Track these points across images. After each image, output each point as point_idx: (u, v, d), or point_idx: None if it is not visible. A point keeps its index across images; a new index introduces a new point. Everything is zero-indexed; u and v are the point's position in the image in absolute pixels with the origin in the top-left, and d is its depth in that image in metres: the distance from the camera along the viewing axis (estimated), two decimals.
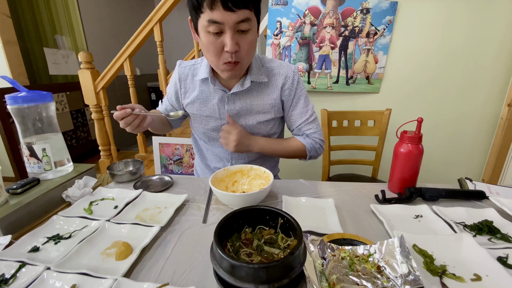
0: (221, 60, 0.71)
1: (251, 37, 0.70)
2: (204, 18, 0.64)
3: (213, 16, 0.63)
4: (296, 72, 0.87)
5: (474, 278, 0.43)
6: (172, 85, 0.92)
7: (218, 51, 0.69)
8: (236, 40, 0.67)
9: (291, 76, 0.86)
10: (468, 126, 1.72)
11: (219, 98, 0.85)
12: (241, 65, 0.74)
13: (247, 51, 0.71)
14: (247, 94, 0.85)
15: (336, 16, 1.54)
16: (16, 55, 2.25)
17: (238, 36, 0.68)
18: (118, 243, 0.51)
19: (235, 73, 0.76)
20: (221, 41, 0.67)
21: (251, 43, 0.71)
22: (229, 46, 0.66)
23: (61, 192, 0.69)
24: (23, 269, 0.45)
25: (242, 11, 0.63)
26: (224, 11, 0.62)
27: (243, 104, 0.85)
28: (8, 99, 0.65)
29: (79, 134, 2.92)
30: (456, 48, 1.56)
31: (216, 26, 0.64)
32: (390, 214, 0.62)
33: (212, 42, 0.67)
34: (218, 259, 0.37)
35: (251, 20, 0.67)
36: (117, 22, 3.56)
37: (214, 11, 0.62)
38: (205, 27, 0.65)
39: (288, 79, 0.86)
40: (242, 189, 0.74)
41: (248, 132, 0.88)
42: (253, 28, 0.69)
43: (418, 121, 0.69)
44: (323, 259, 0.45)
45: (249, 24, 0.67)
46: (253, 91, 0.85)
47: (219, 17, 0.63)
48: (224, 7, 0.62)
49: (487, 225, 0.56)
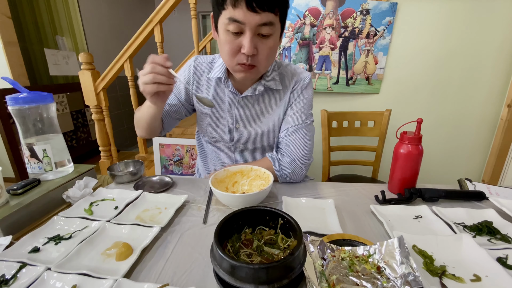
0: (235, 60, 0.68)
1: (271, 43, 0.67)
2: (225, 15, 0.62)
3: (234, 14, 0.60)
4: (308, 78, 0.84)
5: (474, 279, 0.43)
6: (183, 77, 0.86)
7: (234, 51, 0.66)
8: (255, 43, 0.64)
9: (302, 80, 0.83)
10: (468, 126, 1.72)
11: (230, 101, 0.82)
12: (257, 69, 0.71)
13: (266, 56, 0.68)
14: (258, 99, 0.82)
15: (336, 17, 1.55)
16: (17, 56, 2.25)
17: (258, 39, 0.65)
18: (119, 243, 0.51)
19: (250, 76, 0.72)
20: (239, 42, 0.65)
21: (270, 49, 0.68)
22: (246, 48, 0.63)
23: (61, 193, 0.69)
24: (23, 269, 0.45)
25: (266, 13, 0.60)
26: (247, 10, 0.59)
27: (253, 109, 0.83)
28: (9, 100, 0.66)
29: (80, 135, 2.92)
30: (456, 49, 1.57)
31: (236, 25, 0.62)
32: (390, 215, 0.62)
33: (230, 41, 0.65)
34: (218, 260, 0.38)
35: (274, 25, 0.64)
36: (117, 23, 3.57)
37: (236, 9, 0.60)
38: (225, 25, 0.63)
39: (298, 83, 0.83)
40: (242, 190, 0.74)
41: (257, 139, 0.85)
42: (275, 34, 0.66)
43: (417, 121, 0.69)
44: (323, 260, 0.45)
45: (271, 29, 0.64)
46: (265, 97, 0.82)
47: (241, 16, 0.60)
48: (248, 7, 0.59)
49: (486, 226, 0.56)
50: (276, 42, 0.69)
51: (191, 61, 0.86)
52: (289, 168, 0.79)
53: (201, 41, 2.91)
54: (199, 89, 0.85)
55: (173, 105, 0.87)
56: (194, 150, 1.85)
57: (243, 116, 0.83)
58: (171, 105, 0.87)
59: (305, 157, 0.80)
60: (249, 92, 0.80)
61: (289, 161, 0.79)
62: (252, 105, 0.83)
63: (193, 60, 0.86)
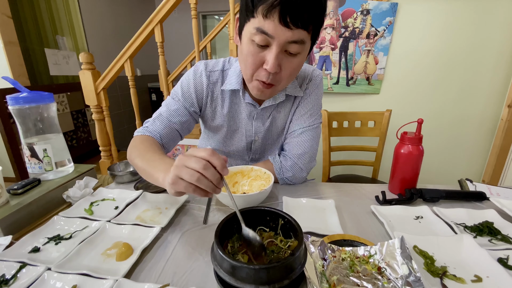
0: (255, 75, 0.62)
1: (298, 62, 0.60)
2: (253, 24, 0.55)
3: (264, 26, 0.53)
4: (320, 76, 0.80)
5: (475, 280, 0.43)
6: (193, 89, 0.75)
7: (256, 66, 0.60)
8: (280, 61, 0.58)
9: (314, 79, 0.78)
10: (468, 127, 1.72)
11: (248, 113, 0.76)
12: (275, 88, 0.65)
13: (289, 75, 0.62)
14: (278, 107, 0.77)
15: (336, 17, 1.55)
16: (17, 56, 2.25)
17: (284, 56, 0.58)
18: (119, 243, 0.51)
19: (265, 95, 0.67)
20: (263, 56, 0.58)
21: (296, 68, 0.62)
22: (270, 65, 0.57)
23: (61, 193, 0.69)
24: (23, 269, 0.45)
25: (299, 30, 0.53)
26: (278, 24, 0.52)
27: (273, 119, 0.78)
28: (9, 100, 0.66)
29: (80, 135, 2.92)
30: (456, 49, 1.57)
31: (263, 37, 0.55)
32: (390, 215, 0.62)
33: (253, 54, 0.58)
34: (219, 260, 0.37)
35: (304, 44, 0.57)
36: (118, 23, 3.57)
37: (267, 20, 0.52)
38: (251, 34, 0.56)
39: (310, 82, 0.78)
40: (242, 190, 0.74)
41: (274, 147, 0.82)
42: (304, 52, 0.60)
43: (418, 122, 0.69)
44: (324, 260, 0.45)
45: (301, 48, 0.57)
46: (285, 104, 0.78)
47: (271, 29, 0.53)
48: (281, 20, 0.52)
49: (487, 226, 0.56)
50: (302, 61, 0.62)
51: (201, 70, 0.75)
52: (290, 171, 0.77)
53: (202, 41, 2.90)
54: (214, 102, 0.77)
55: (185, 122, 0.77)
56: None
57: (262, 128, 0.79)
58: (182, 122, 0.76)
59: (309, 160, 0.79)
60: (269, 103, 0.75)
61: (290, 164, 0.77)
62: (271, 114, 0.78)
63: (203, 68, 0.75)
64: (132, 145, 0.70)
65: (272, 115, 0.79)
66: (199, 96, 0.77)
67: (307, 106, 0.79)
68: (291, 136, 0.80)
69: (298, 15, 0.52)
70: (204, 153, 0.43)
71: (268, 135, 0.82)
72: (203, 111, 0.80)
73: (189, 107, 0.76)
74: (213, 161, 0.43)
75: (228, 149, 0.85)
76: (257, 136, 0.81)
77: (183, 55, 3.22)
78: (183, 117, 0.76)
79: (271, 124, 0.80)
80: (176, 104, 0.76)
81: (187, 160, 0.43)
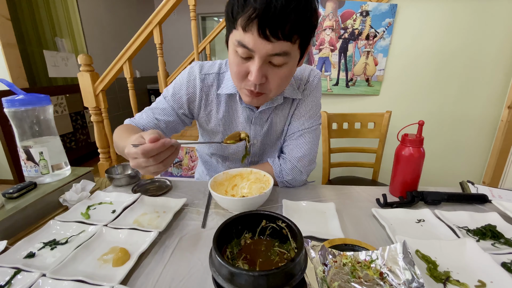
0: (242, 84, 0.61)
1: (285, 71, 0.58)
2: (235, 36, 0.54)
3: (244, 39, 0.52)
4: (318, 77, 0.78)
5: (479, 285, 0.42)
6: (185, 92, 0.74)
7: (242, 76, 0.59)
8: (264, 72, 0.56)
9: (311, 80, 0.77)
10: (468, 128, 1.72)
11: (245, 117, 0.75)
12: (266, 96, 0.63)
13: (277, 85, 0.60)
14: (276, 109, 0.76)
15: (335, 19, 1.54)
16: (16, 58, 2.25)
17: (268, 67, 0.56)
18: (116, 248, 0.50)
19: (257, 102, 0.65)
20: (247, 67, 0.57)
21: (284, 78, 0.59)
22: (253, 77, 0.56)
23: (58, 196, 0.68)
24: (18, 275, 0.44)
25: (280, 43, 0.51)
26: (258, 37, 0.50)
27: (271, 123, 0.77)
28: (5, 102, 0.65)
29: (79, 137, 2.91)
30: (456, 50, 1.57)
31: (244, 50, 0.53)
32: (392, 218, 0.61)
33: (237, 64, 0.57)
34: (217, 266, 0.37)
35: (289, 55, 0.54)
36: (116, 24, 3.57)
37: (246, 34, 0.51)
38: (234, 45, 0.55)
39: (308, 83, 0.76)
40: (241, 193, 0.73)
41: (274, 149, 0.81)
42: (291, 62, 0.57)
43: (419, 124, 0.68)
44: (325, 266, 0.44)
45: (286, 59, 0.55)
46: (284, 108, 0.76)
47: (251, 43, 0.51)
48: (260, 33, 0.49)
49: (490, 230, 0.55)
50: (291, 70, 0.60)
51: (195, 72, 0.74)
52: (290, 174, 0.76)
53: (201, 43, 2.90)
54: (208, 106, 0.76)
55: (170, 122, 0.77)
56: (193, 152, 1.84)
57: (260, 131, 0.78)
58: (168, 122, 0.76)
59: (308, 163, 0.78)
60: (267, 105, 0.73)
61: (290, 168, 0.76)
62: (269, 117, 0.76)
63: (197, 71, 0.74)
64: (117, 129, 0.76)
65: (270, 118, 0.77)
66: (191, 99, 0.76)
67: (305, 108, 0.78)
68: (290, 138, 0.79)
69: (279, 27, 0.49)
70: (135, 153, 0.48)
71: (267, 138, 0.81)
72: (197, 115, 0.79)
73: (177, 108, 0.76)
74: (146, 151, 0.47)
75: (226, 152, 0.84)
76: (256, 140, 0.80)
77: (182, 57, 3.23)
78: (169, 117, 0.76)
79: (269, 127, 0.78)
80: (165, 103, 0.76)
81: (130, 157, 0.50)
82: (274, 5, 0.47)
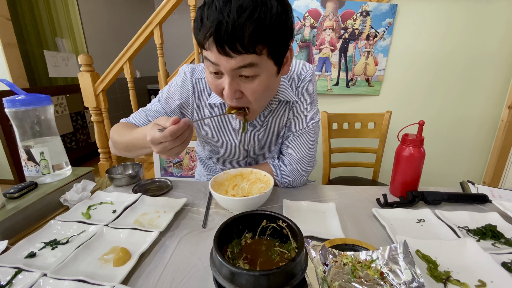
0: (224, 99, 0.60)
1: (258, 84, 0.55)
2: (204, 54, 0.54)
3: (208, 55, 0.52)
4: (310, 73, 0.74)
5: (479, 285, 0.42)
6: (178, 96, 0.74)
7: (219, 92, 0.59)
8: (237, 86, 0.55)
9: (304, 77, 0.74)
10: (468, 128, 1.72)
11: (240, 123, 0.74)
12: (253, 111, 0.63)
13: (254, 98, 0.58)
14: (272, 113, 0.75)
15: (336, 19, 1.54)
16: (16, 58, 2.25)
17: (240, 81, 0.55)
18: (116, 248, 0.50)
19: (249, 119, 0.65)
20: (221, 83, 0.56)
21: (258, 91, 0.57)
22: (226, 93, 0.56)
23: (59, 196, 0.68)
24: (19, 275, 0.44)
25: (243, 56, 0.50)
26: (218, 54, 0.50)
27: (267, 126, 0.76)
28: (6, 102, 0.65)
29: (79, 137, 2.91)
30: (456, 50, 1.56)
31: (214, 66, 0.54)
32: (392, 218, 0.61)
33: (211, 81, 0.58)
34: (218, 266, 0.37)
35: (258, 66, 0.52)
36: (117, 24, 3.57)
37: (209, 51, 0.51)
38: (206, 62, 0.56)
39: (300, 81, 0.74)
40: (242, 193, 0.73)
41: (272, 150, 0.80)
42: (263, 73, 0.55)
43: (419, 124, 0.68)
44: (325, 265, 0.44)
45: (256, 71, 0.53)
46: (280, 109, 0.75)
47: (214, 59, 0.51)
48: (219, 50, 0.49)
49: (490, 230, 0.55)
50: (267, 81, 0.56)
51: (187, 76, 0.72)
52: (290, 176, 0.76)
53: None
54: (200, 111, 0.75)
55: None
56: (193, 152, 1.84)
57: (257, 136, 0.77)
58: None
59: (308, 164, 0.77)
60: None
61: (290, 170, 0.76)
62: (265, 121, 0.75)
63: (188, 75, 0.72)
64: (113, 127, 0.78)
65: (266, 121, 0.76)
66: (183, 105, 0.75)
67: (301, 107, 0.76)
68: (288, 139, 0.79)
69: (235, 41, 0.47)
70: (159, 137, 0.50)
71: (264, 141, 0.80)
72: (191, 119, 0.78)
73: (170, 112, 0.76)
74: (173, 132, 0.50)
75: (224, 155, 0.84)
76: (253, 144, 0.80)
77: (182, 57, 3.22)
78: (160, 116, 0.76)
79: (266, 130, 0.78)
80: (159, 105, 0.76)
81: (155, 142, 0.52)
82: (226, 21, 0.46)
